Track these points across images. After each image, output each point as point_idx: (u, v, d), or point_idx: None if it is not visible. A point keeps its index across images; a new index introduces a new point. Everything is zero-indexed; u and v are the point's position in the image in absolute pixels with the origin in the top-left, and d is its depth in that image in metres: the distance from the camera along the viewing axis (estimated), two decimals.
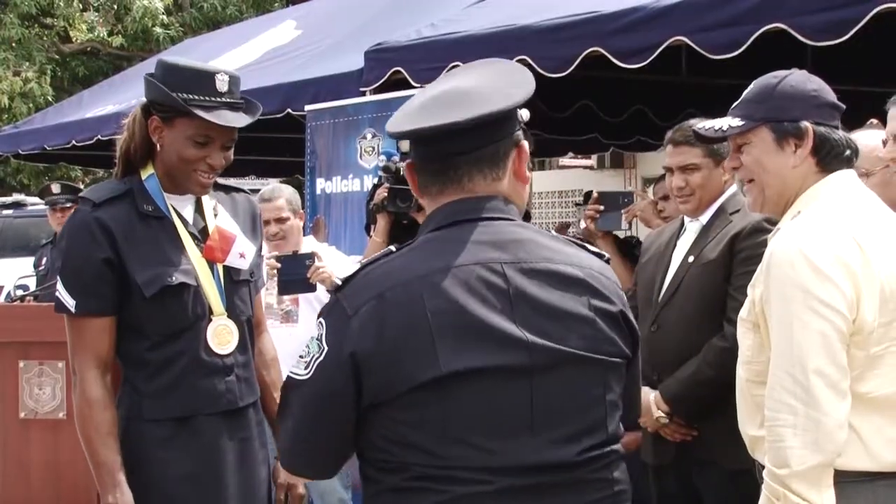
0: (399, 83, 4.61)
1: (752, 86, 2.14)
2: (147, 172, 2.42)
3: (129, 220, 2.35)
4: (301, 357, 1.65)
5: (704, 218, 3.12)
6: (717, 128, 2.17)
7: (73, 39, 14.30)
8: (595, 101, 6.24)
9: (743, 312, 2.08)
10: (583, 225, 4.66)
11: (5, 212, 9.93)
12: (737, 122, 2.13)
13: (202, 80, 2.32)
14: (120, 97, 7.53)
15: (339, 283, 1.66)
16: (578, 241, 1.79)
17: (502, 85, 1.69)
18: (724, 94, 5.58)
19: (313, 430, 1.66)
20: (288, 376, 1.68)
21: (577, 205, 4.98)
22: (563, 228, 5.28)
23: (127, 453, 2.34)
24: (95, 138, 6.90)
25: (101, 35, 13.91)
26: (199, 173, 2.38)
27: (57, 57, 14.41)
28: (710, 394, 2.97)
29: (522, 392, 1.60)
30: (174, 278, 2.34)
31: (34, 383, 4.82)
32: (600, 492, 1.67)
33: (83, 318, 2.33)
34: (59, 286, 2.34)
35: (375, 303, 1.59)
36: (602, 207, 3.90)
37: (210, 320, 2.39)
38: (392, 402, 1.59)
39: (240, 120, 2.36)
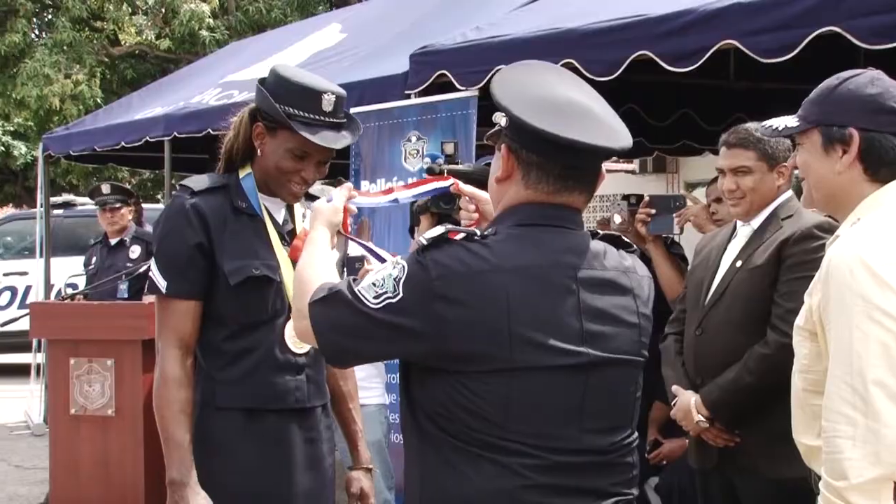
0: (444, 86, 4.60)
1: (819, 85, 2.10)
2: (245, 171, 2.49)
3: (222, 212, 2.43)
4: (374, 284, 1.73)
5: (756, 222, 3.08)
6: (773, 127, 2.14)
7: (122, 42, 14.47)
8: (641, 105, 6.18)
9: (799, 320, 2.04)
10: (618, 220, 4.63)
11: (56, 212, 10.04)
12: (793, 122, 2.10)
13: (309, 97, 2.36)
14: (167, 99, 7.60)
15: (425, 242, 1.73)
16: (612, 236, 1.91)
17: (614, 114, 1.83)
18: (773, 98, 5.54)
19: (349, 342, 1.78)
20: (347, 285, 1.76)
21: (619, 202, 4.93)
22: (604, 224, 5.23)
23: (197, 438, 2.39)
24: (143, 139, 6.96)
25: (149, 38, 14.07)
26: (293, 184, 2.45)
27: (106, 60, 14.58)
28: (749, 401, 2.94)
29: (578, 388, 1.76)
30: (259, 270, 2.41)
31: (84, 380, 4.88)
32: (622, 475, 1.85)
33: (172, 299, 2.40)
34: (153, 267, 2.42)
35: (459, 279, 1.69)
36: (653, 211, 3.87)
37: (289, 318, 2.43)
38: (460, 372, 1.71)
39: (340, 141, 2.42)
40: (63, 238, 10.03)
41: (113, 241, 6.85)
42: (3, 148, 19.25)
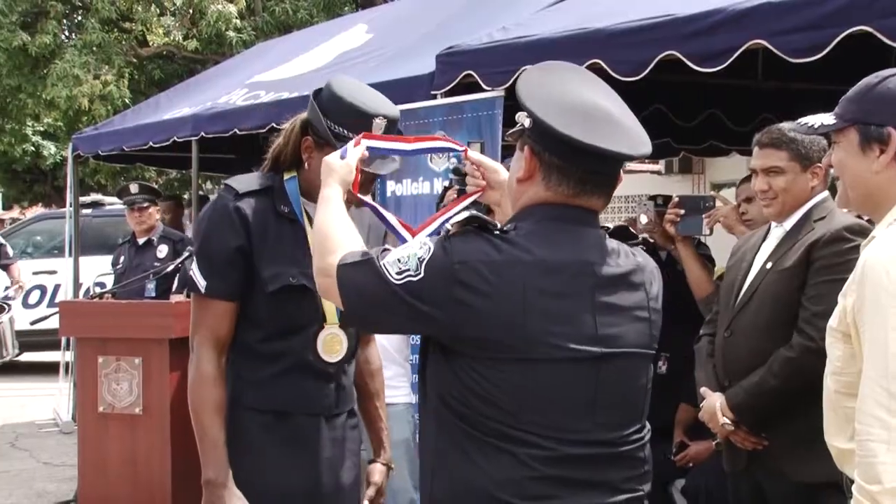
0: (470, 87, 4.59)
1: (858, 83, 2.07)
2: (290, 174, 2.48)
3: (264, 216, 2.43)
4: (399, 260, 1.79)
5: (789, 224, 3.06)
6: (809, 124, 2.11)
7: (150, 43, 14.54)
8: (667, 105, 6.15)
9: (833, 322, 2.02)
10: (644, 220, 4.61)
11: (84, 211, 10.12)
12: (829, 120, 2.07)
13: (360, 119, 2.31)
14: (194, 99, 7.63)
15: (450, 229, 1.79)
16: (619, 228, 1.91)
17: (634, 118, 1.87)
18: (802, 99, 5.49)
19: (372, 311, 1.84)
20: (377, 255, 1.81)
21: (645, 202, 4.90)
22: (631, 224, 5.22)
23: (228, 432, 2.40)
24: (171, 139, 7.00)
25: (177, 39, 14.13)
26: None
27: (134, 60, 14.66)
28: (774, 404, 2.92)
29: (590, 381, 1.79)
30: (296, 279, 2.40)
31: (112, 378, 4.90)
32: (634, 469, 1.87)
33: (210, 299, 2.41)
34: (194, 266, 2.43)
35: (479, 267, 1.74)
36: (682, 211, 3.85)
37: (322, 327, 2.43)
38: (475, 357, 1.76)
39: (386, 166, 2.37)
40: (92, 237, 10.11)
41: (141, 241, 6.89)
42: (33, 148, 19.44)
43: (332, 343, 2.46)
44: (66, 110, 13.43)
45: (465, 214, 1.83)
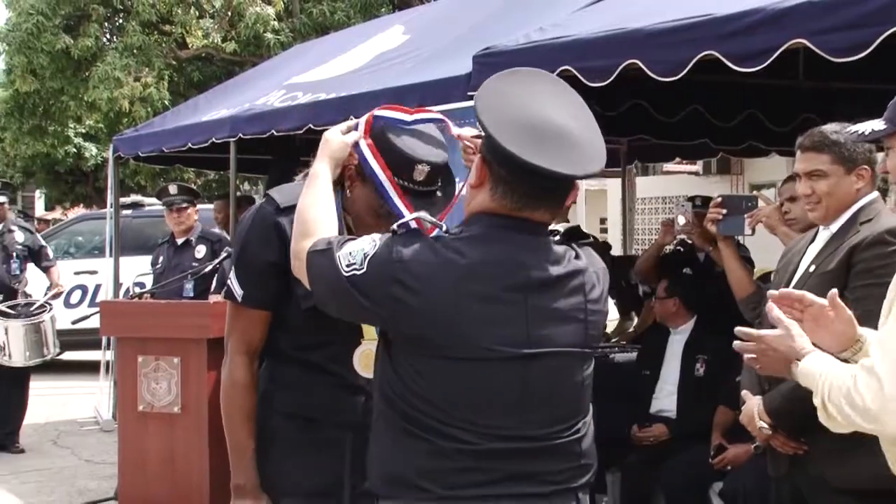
0: None
1: None
2: (336, 188, 2.39)
3: None
4: (350, 253, 1.90)
5: (835, 226, 3.01)
6: (859, 131, 2.08)
7: (190, 46, 14.68)
8: (706, 106, 6.10)
9: (883, 320, 1.98)
10: (682, 221, 4.56)
11: (125, 212, 10.21)
12: (879, 125, 2.04)
13: (403, 163, 2.25)
14: (232, 101, 7.68)
15: (397, 229, 1.90)
16: (571, 229, 2.02)
17: (594, 133, 1.92)
18: (843, 98, 5.41)
19: (330, 298, 1.96)
20: (336, 245, 1.92)
21: (683, 203, 4.87)
22: (668, 225, 5.19)
23: (258, 439, 2.42)
24: (210, 141, 7.04)
25: (216, 41, 14.25)
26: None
27: (174, 63, 14.80)
28: (810, 409, 2.88)
29: (518, 379, 1.87)
30: None
31: (151, 378, 4.95)
32: (567, 462, 1.93)
33: (245, 307, 2.41)
34: (232, 275, 2.44)
35: (416, 267, 1.83)
36: (724, 211, 3.81)
37: (360, 343, 2.42)
38: (410, 353, 1.87)
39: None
40: (131, 238, 10.20)
41: (179, 241, 6.95)
42: (75, 150, 19.69)
43: (368, 359, 2.44)
44: (107, 112, 13.60)
45: (414, 215, 1.93)
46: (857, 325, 2.08)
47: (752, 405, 3.04)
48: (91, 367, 9.28)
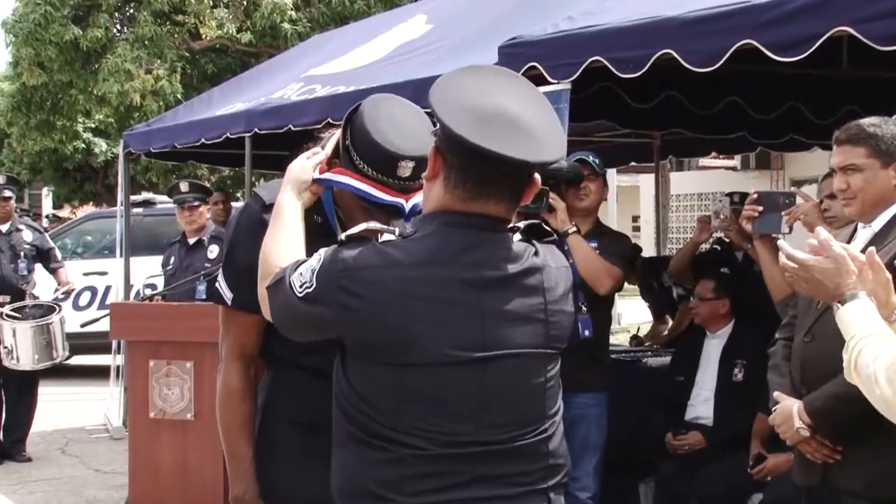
0: (535, 79, 4.56)
1: None
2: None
3: None
4: (301, 273, 1.97)
5: (877, 224, 2.99)
6: None
7: (203, 37, 14.75)
8: (744, 98, 6.07)
9: None
10: (719, 218, 4.54)
11: (136, 210, 10.27)
12: None
13: (385, 160, 2.25)
14: (248, 95, 7.71)
15: (343, 239, 1.95)
16: (533, 225, 2.03)
17: (551, 125, 1.95)
18: (890, 89, 5.35)
19: (295, 327, 2.05)
20: (290, 271, 2.00)
21: (720, 199, 4.84)
22: (704, 222, 5.17)
23: (259, 444, 2.44)
24: (224, 136, 7.07)
25: (230, 32, 14.31)
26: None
27: (187, 55, 14.89)
28: (857, 413, 2.85)
29: (474, 384, 1.89)
30: None
31: (163, 383, 4.99)
32: (532, 464, 1.96)
33: (236, 311, 2.43)
34: (220, 277, 2.46)
35: (361, 273, 1.89)
36: (761, 208, 3.80)
37: None
38: (362, 360, 1.92)
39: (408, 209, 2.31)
40: (143, 237, 10.27)
41: (191, 241, 6.99)
42: (84, 145, 19.86)
43: None
44: (117, 106, 13.70)
45: (360, 227, 1.97)
46: (893, 291, 2.07)
47: (790, 405, 3.03)
48: (100, 373, 9.35)
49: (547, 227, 2.10)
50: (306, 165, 2.30)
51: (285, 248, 2.16)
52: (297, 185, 2.29)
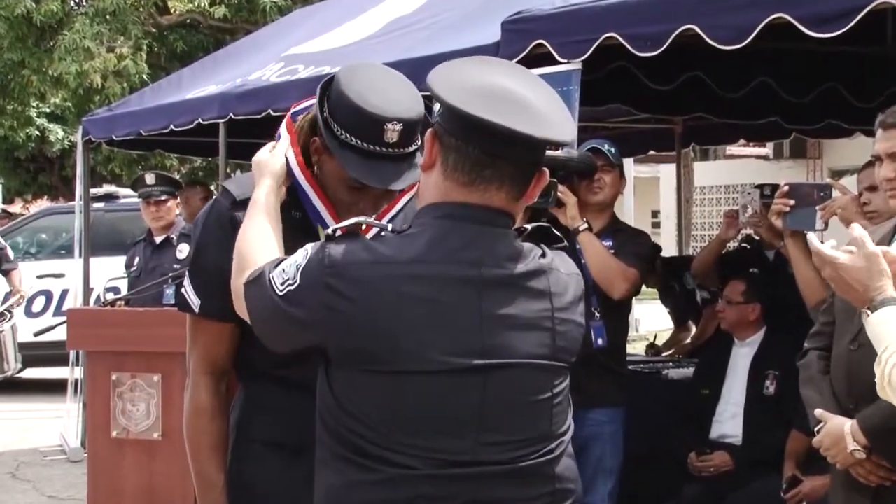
0: (541, 58, 4.57)
1: None
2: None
3: None
4: (283, 270, 1.98)
5: None
6: None
7: (172, 11, 14.72)
8: (776, 78, 6.08)
9: None
10: (748, 212, 4.54)
11: (96, 205, 10.25)
12: None
13: (369, 125, 2.24)
14: (222, 76, 7.72)
15: (331, 233, 1.96)
16: (541, 228, 2.04)
17: (558, 106, 1.98)
18: None
19: (274, 328, 2.05)
20: (269, 268, 2.02)
21: (749, 191, 4.85)
22: (732, 217, 5.17)
23: (232, 468, 2.43)
24: (195, 122, 7.08)
25: (202, 5, 14.29)
26: (350, 215, 2.34)
27: (154, 31, 14.86)
28: None
29: (473, 396, 1.90)
30: None
31: (127, 399, 4.98)
32: (536, 488, 1.96)
33: (205, 320, 2.42)
34: (186, 282, 2.45)
35: (349, 271, 1.90)
36: (793, 202, 3.80)
37: None
38: (349, 369, 1.92)
39: (400, 180, 2.29)
40: (104, 235, 10.27)
41: (158, 239, 7.00)
42: (37, 132, 19.79)
43: None
44: (75, 89, 13.65)
45: (351, 221, 1.98)
46: None
47: (839, 424, 3.02)
48: (56, 387, 9.34)
49: (557, 233, 2.11)
50: (278, 153, 2.32)
51: (264, 243, 2.17)
52: (276, 177, 2.31)
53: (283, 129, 2.41)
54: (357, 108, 2.23)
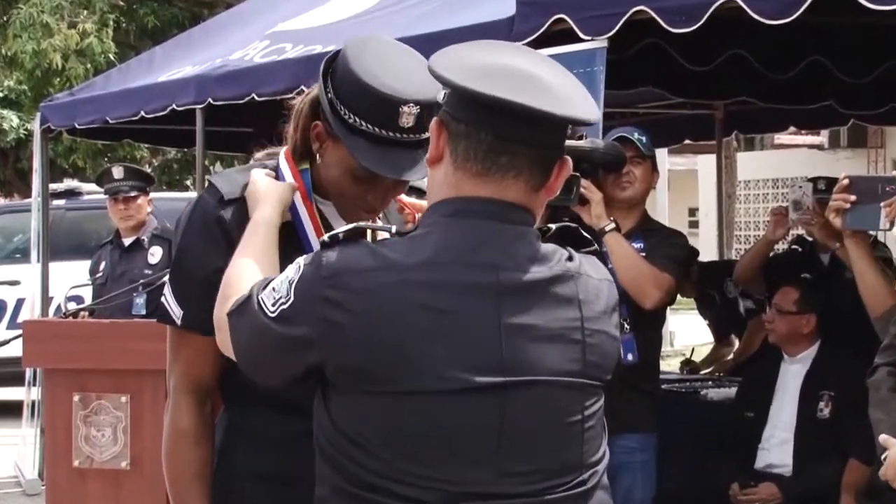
0: (561, 35, 4.58)
1: None
2: (303, 165, 2.45)
3: None
4: (274, 289, 1.98)
5: None
6: None
7: None
8: (830, 57, 6.08)
9: None
10: (799, 209, 4.54)
11: (56, 202, 10.27)
12: None
13: (382, 108, 2.24)
14: (199, 56, 7.73)
15: (327, 240, 1.97)
16: (567, 229, 2.05)
17: (574, 85, 1.98)
18: None
19: (263, 358, 2.04)
20: (257, 290, 2.02)
21: (801, 185, 4.84)
22: (780, 215, 5.17)
23: (215, 498, 2.43)
24: (169, 108, 7.10)
25: None
26: (355, 209, 2.40)
27: (121, 4, 14.91)
28: None
29: (491, 419, 1.88)
30: None
31: (91, 423, 4.99)
32: None
33: (188, 332, 2.42)
34: (167, 290, 2.45)
35: (350, 280, 1.90)
36: (853, 197, 3.79)
37: None
38: (350, 391, 1.91)
39: (415, 171, 2.30)
40: (66, 236, 10.28)
41: (127, 241, 7.00)
42: None
43: None
44: (32, 69, 13.69)
45: (351, 226, 1.98)
46: None
47: None
48: (11, 410, 9.36)
49: (586, 234, 2.10)
50: (286, 187, 2.34)
51: (259, 269, 2.16)
52: (281, 201, 2.31)
53: (283, 162, 2.41)
54: (369, 87, 2.24)
